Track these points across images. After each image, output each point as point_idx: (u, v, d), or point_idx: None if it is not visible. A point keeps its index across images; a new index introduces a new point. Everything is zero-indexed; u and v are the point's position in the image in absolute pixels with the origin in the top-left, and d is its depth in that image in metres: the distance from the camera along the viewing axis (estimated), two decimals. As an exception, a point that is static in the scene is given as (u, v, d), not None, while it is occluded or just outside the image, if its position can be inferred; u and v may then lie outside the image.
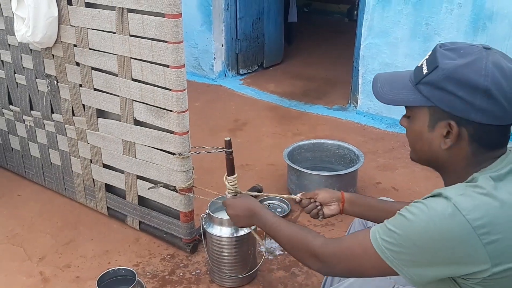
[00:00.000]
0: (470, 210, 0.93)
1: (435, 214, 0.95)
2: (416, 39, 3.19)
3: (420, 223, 0.96)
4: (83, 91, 2.17)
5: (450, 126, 1.02)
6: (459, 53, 1.01)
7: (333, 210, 1.52)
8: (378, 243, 1.01)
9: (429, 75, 1.03)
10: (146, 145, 2.03)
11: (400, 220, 1.00)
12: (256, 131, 3.42)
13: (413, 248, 0.97)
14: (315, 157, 2.73)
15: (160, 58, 1.82)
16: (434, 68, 1.02)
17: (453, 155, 1.06)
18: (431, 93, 1.03)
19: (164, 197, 2.08)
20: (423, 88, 1.04)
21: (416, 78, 1.07)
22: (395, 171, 2.88)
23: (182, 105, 1.85)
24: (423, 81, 1.04)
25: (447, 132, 1.03)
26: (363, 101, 3.57)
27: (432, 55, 1.05)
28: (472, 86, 0.97)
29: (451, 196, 0.96)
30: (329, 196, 1.52)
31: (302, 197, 1.57)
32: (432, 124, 1.05)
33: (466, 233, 0.92)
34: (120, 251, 2.17)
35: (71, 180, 2.46)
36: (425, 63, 1.06)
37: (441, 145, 1.05)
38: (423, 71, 1.05)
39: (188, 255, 2.13)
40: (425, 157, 1.13)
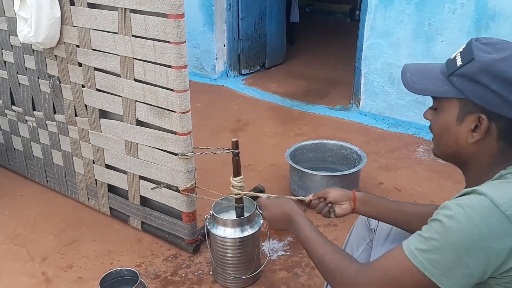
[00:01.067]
0: (508, 205, 0.92)
1: (472, 212, 0.93)
2: (419, 39, 3.19)
3: (458, 225, 0.93)
4: (85, 91, 2.17)
5: (480, 120, 1.01)
6: (495, 47, 1.01)
7: (345, 210, 1.50)
8: (414, 254, 0.97)
9: (463, 67, 1.02)
10: (148, 145, 2.03)
11: (436, 225, 0.97)
12: (258, 132, 3.42)
13: (453, 252, 0.93)
14: (317, 158, 2.73)
15: (162, 59, 1.82)
16: (469, 60, 1.01)
17: (479, 150, 1.05)
18: (464, 85, 1.02)
19: (166, 197, 2.08)
20: (456, 79, 1.03)
21: (449, 69, 1.06)
22: (398, 171, 2.88)
23: (184, 105, 1.85)
24: (456, 72, 1.04)
25: (475, 126, 1.03)
26: (365, 101, 3.56)
27: (467, 48, 1.05)
28: (507, 81, 0.97)
29: (487, 192, 0.95)
30: (340, 195, 1.50)
31: (312, 198, 1.54)
32: (461, 117, 1.04)
33: (505, 227, 0.91)
34: (122, 252, 2.17)
35: (73, 180, 2.46)
36: (459, 56, 1.05)
37: (468, 139, 1.04)
38: (457, 63, 1.04)
39: (191, 255, 2.13)
40: (449, 152, 1.12)
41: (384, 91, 3.42)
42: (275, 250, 2.17)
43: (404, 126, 3.39)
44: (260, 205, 1.51)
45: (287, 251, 2.17)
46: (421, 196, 2.59)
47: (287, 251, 2.17)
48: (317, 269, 1.20)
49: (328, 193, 1.52)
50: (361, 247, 1.71)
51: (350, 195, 1.51)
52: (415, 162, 2.97)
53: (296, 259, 2.12)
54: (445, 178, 2.69)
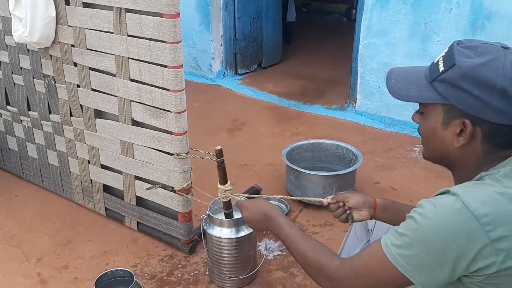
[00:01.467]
0: (477, 206, 0.93)
1: (442, 211, 0.95)
2: (415, 38, 3.19)
3: (428, 222, 0.95)
4: (80, 91, 2.16)
5: (464, 125, 1.02)
6: (476, 51, 1.01)
7: (364, 216, 1.47)
8: (389, 249, 0.99)
9: (445, 73, 1.02)
10: (144, 145, 2.02)
11: (409, 222, 0.99)
12: (254, 131, 3.41)
13: (423, 249, 0.95)
14: (313, 157, 2.73)
15: (158, 58, 1.81)
16: (451, 66, 1.01)
17: (465, 153, 1.06)
18: (446, 91, 1.02)
19: (162, 197, 2.07)
20: (439, 85, 1.03)
21: (432, 75, 1.06)
22: (394, 171, 2.88)
23: (180, 105, 1.85)
24: (439, 78, 1.03)
25: (460, 130, 1.03)
26: (361, 101, 3.56)
27: (449, 53, 1.04)
28: (489, 86, 0.97)
29: (459, 193, 0.96)
30: (361, 202, 1.46)
31: (331, 202, 1.50)
32: (446, 122, 1.05)
33: (473, 228, 0.92)
34: (118, 252, 2.16)
35: (68, 180, 2.45)
36: (441, 60, 1.05)
37: (454, 143, 1.05)
38: (439, 68, 1.04)
39: (187, 255, 2.12)
40: (436, 155, 1.13)
41: (380, 91, 3.42)
42: (271, 250, 2.17)
43: (400, 125, 3.39)
44: (238, 206, 1.50)
45: (283, 251, 2.17)
46: (417, 196, 2.59)
47: (283, 251, 2.16)
48: (300, 265, 1.22)
49: (348, 198, 1.48)
50: (358, 248, 1.71)
51: (371, 202, 1.48)
52: (411, 162, 2.97)
53: (292, 258, 2.11)
54: (441, 177, 2.69)
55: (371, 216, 1.48)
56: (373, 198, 1.49)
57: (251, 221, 1.43)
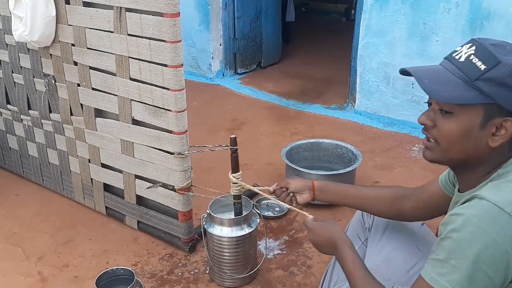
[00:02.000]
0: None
1: (478, 220, 0.93)
2: (414, 38, 3.20)
3: (468, 236, 0.93)
4: (81, 90, 2.16)
5: (502, 124, 1.01)
6: (506, 49, 1.02)
7: (305, 198, 1.63)
8: (436, 280, 0.97)
9: (490, 71, 1.00)
10: (144, 144, 2.03)
11: (446, 243, 0.97)
12: (254, 131, 3.42)
13: (471, 265, 0.93)
14: (313, 156, 2.74)
15: (158, 58, 1.82)
16: (495, 64, 0.99)
17: (494, 152, 1.05)
18: (493, 90, 1.00)
19: (162, 196, 2.08)
20: (483, 84, 1.00)
21: (471, 74, 1.02)
22: (393, 170, 2.89)
23: (180, 104, 1.85)
24: (483, 77, 1.00)
25: (495, 130, 1.02)
26: (360, 101, 3.57)
27: (483, 51, 1.02)
28: None
29: (488, 196, 0.95)
30: (300, 185, 1.62)
31: (275, 188, 1.66)
32: (485, 121, 1.02)
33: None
34: (118, 251, 2.17)
35: (69, 179, 2.46)
36: (475, 58, 1.02)
37: (490, 142, 1.03)
38: (479, 66, 1.01)
39: (187, 254, 2.13)
40: (461, 157, 1.08)
41: (379, 90, 3.43)
42: (271, 249, 2.18)
43: (399, 125, 3.40)
44: (306, 226, 1.48)
45: (283, 249, 2.17)
46: (416, 195, 2.60)
47: (283, 250, 2.17)
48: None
49: (289, 184, 1.64)
50: (356, 245, 1.71)
51: (310, 185, 1.63)
52: (410, 161, 2.98)
53: (292, 257, 2.12)
54: (440, 176, 2.70)
55: (312, 198, 1.63)
56: (311, 181, 1.63)
57: (317, 245, 1.42)
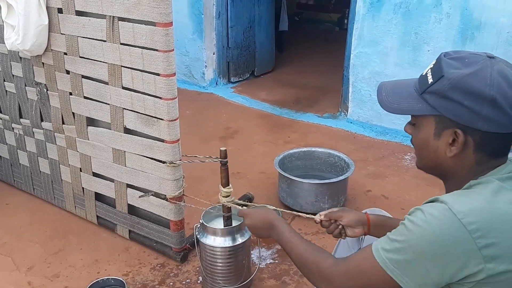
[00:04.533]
0: (465, 214, 0.94)
1: (432, 219, 0.97)
2: (406, 48, 3.23)
3: (418, 229, 0.98)
4: (73, 99, 2.16)
5: (456, 135, 1.03)
6: (463, 62, 1.03)
7: (357, 233, 1.49)
8: (379, 254, 1.02)
9: (434, 85, 1.04)
10: (136, 153, 2.02)
11: (400, 228, 1.02)
12: (247, 139, 3.42)
13: (413, 256, 0.98)
14: (306, 165, 2.74)
15: (150, 67, 1.82)
16: (439, 77, 1.03)
17: (457, 162, 1.08)
18: (437, 103, 1.04)
19: (154, 205, 2.07)
20: (429, 97, 1.05)
21: (422, 87, 1.08)
22: (385, 179, 2.90)
23: (172, 113, 1.85)
24: (428, 90, 1.05)
25: (452, 140, 1.05)
26: (353, 110, 3.59)
27: (437, 65, 1.06)
28: (478, 96, 0.98)
29: (447, 201, 0.98)
30: (355, 220, 1.48)
31: (323, 219, 1.51)
32: (438, 132, 1.07)
33: (461, 236, 0.93)
34: (109, 261, 2.15)
35: (60, 188, 2.44)
36: (430, 72, 1.07)
37: (447, 152, 1.07)
38: (428, 80, 1.06)
39: (178, 264, 2.12)
40: (430, 165, 1.15)
41: (371, 100, 3.45)
42: (264, 258, 2.17)
43: (392, 134, 3.42)
44: (241, 214, 1.54)
45: (275, 259, 2.17)
46: (409, 204, 2.61)
47: (275, 259, 2.16)
48: (297, 267, 1.26)
49: (342, 218, 1.49)
50: None
51: (364, 219, 1.49)
52: (403, 170, 2.99)
53: (284, 267, 2.12)
54: (431, 185, 2.71)
55: (364, 233, 1.50)
56: (365, 216, 1.50)
57: (254, 228, 1.45)
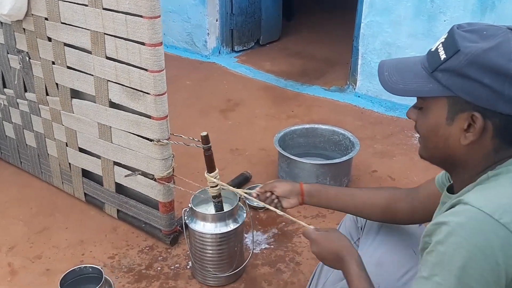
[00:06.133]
0: (501, 212, 0.81)
1: (462, 229, 0.82)
2: (420, 17, 2.99)
3: (451, 247, 0.82)
4: (56, 69, 1.99)
5: (473, 119, 0.90)
6: (481, 34, 0.89)
7: (292, 203, 1.48)
8: None
9: (448, 61, 0.91)
10: (122, 129, 1.87)
11: (431, 258, 0.86)
12: (248, 113, 3.25)
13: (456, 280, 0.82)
14: (308, 143, 2.58)
15: (135, 35, 1.64)
16: (454, 52, 0.90)
17: (472, 151, 0.94)
18: (451, 81, 0.91)
19: (142, 185, 1.93)
20: (442, 75, 0.92)
21: (432, 64, 0.94)
22: (393, 158, 2.73)
23: (159, 87, 1.69)
24: (441, 67, 0.92)
25: (468, 125, 0.91)
26: (362, 83, 3.39)
27: (450, 38, 0.93)
28: (500, 72, 0.85)
29: (472, 201, 0.85)
30: (288, 190, 1.47)
31: (259, 191, 1.51)
32: (451, 116, 0.93)
33: (505, 238, 0.80)
34: (95, 241, 2.03)
35: (47, 163, 2.31)
36: (441, 47, 0.94)
37: (461, 140, 0.93)
38: (440, 56, 0.93)
39: (168, 247, 2.00)
40: (438, 154, 1.00)
41: (382, 73, 3.24)
42: (259, 242, 2.04)
43: (402, 109, 3.22)
44: (307, 238, 1.35)
45: (271, 244, 2.04)
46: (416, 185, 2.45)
47: (271, 244, 2.03)
48: None
49: (275, 188, 1.49)
50: None
51: (298, 189, 1.47)
52: (412, 149, 2.82)
53: (280, 253, 1.99)
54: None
55: (299, 203, 1.48)
56: (299, 185, 1.47)
57: (322, 258, 1.31)
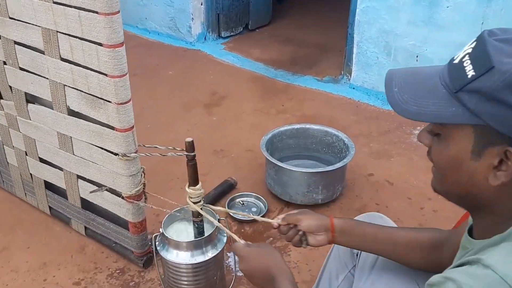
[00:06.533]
0: None
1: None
2: (420, 3, 2.73)
3: None
4: (8, 69, 1.74)
5: (507, 155, 0.71)
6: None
7: (320, 241, 1.22)
8: None
9: (478, 80, 0.71)
10: (84, 140, 1.64)
11: None
12: (235, 107, 3.01)
13: None
14: (299, 144, 2.35)
15: (90, 34, 1.39)
16: (487, 69, 0.70)
17: (503, 194, 0.75)
18: (481, 107, 0.71)
19: (109, 203, 1.71)
20: (469, 98, 0.72)
21: (456, 82, 0.74)
22: (391, 159, 2.51)
23: (122, 94, 1.44)
24: (468, 87, 0.72)
25: (499, 162, 0.72)
26: (357, 73, 3.14)
27: (479, 49, 0.72)
28: None
29: (496, 266, 0.68)
30: (315, 225, 1.21)
31: (281, 223, 1.24)
32: (478, 149, 0.74)
33: None
34: (60, 264, 1.81)
35: (8, 172, 2.07)
36: (467, 60, 0.73)
37: (490, 179, 0.73)
38: (467, 72, 0.72)
39: (141, 270, 1.78)
40: (458, 192, 0.81)
41: (378, 63, 3.00)
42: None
43: (400, 103, 2.99)
44: (236, 254, 1.21)
45: (256, 263, 1.82)
46: (416, 191, 2.25)
47: (256, 264, 1.82)
48: None
49: (300, 221, 1.22)
50: (341, 275, 1.39)
51: (327, 224, 1.21)
52: (411, 148, 2.60)
53: (266, 274, 1.78)
54: (445, 169, 2.34)
55: (329, 241, 1.22)
56: (329, 220, 1.21)
57: (250, 276, 1.16)
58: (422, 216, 2.11)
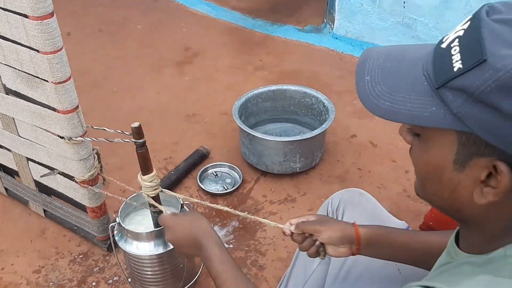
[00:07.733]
0: None
1: None
2: None
3: None
4: None
5: (496, 169, 0.56)
6: None
7: (342, 253, 1.03)
8: None
9: (465, 75, 0.54)
10: (26, 122, 1.46)
11: None
12: (209, 65, 2.80)
13: None
14: (276, 107, 2.18)
15: (14, 4, 1.18)
16: (476, 63, 0.53)
17: (490, 212, 0.62)
18: (466, 109, 0.55)
19: (63, 187, 1.56)
20: (452, 97, 0.56)
21: (439, 74, 0.58)
22: (374, 119, 2.35)
23: (59, 72, 1.25)
24: (452, 84, 0.56)
25: (487, 175, 0.58)
26: (340, 22, 2.92)
27: (473, 32, 0.55)
28: None
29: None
30: (338, 237, 1.01)
31: (295, 232, 1.04)
32: (462, 159, 0.59)
33: None
34: (19, 250, 1.69)
35: (-42, 151, 1.90)
36: (457, 47, 0.56)
37: (475, 196, 0.60)
38: (453, 63, 0.56)
39: (106, 253, 1.67)
40: (441, 204, 0.68)
41: (363, 10, 2.77)
42: (215, 242, 1.72)
43: (386, 54, 2.80)
44: (162, 225, 1.16)
45: (230, 242, 1.72)
46: (401, 153, 2.12)
47: (230, 243, 1.71)
48: None
49: (320, 233, 1.02)
50: (317, 259, 1.28)
51: (351, 236, 1.01)
52: (397, 104, 2.44)
53: (240, 254, 1.67)
54: (432, 128, 2.20)
55: (352, 253, 1.03)
56: (354, 229, 1.02)
57: (179, 246, 1.11)
58: (407, 180, 1.99)
